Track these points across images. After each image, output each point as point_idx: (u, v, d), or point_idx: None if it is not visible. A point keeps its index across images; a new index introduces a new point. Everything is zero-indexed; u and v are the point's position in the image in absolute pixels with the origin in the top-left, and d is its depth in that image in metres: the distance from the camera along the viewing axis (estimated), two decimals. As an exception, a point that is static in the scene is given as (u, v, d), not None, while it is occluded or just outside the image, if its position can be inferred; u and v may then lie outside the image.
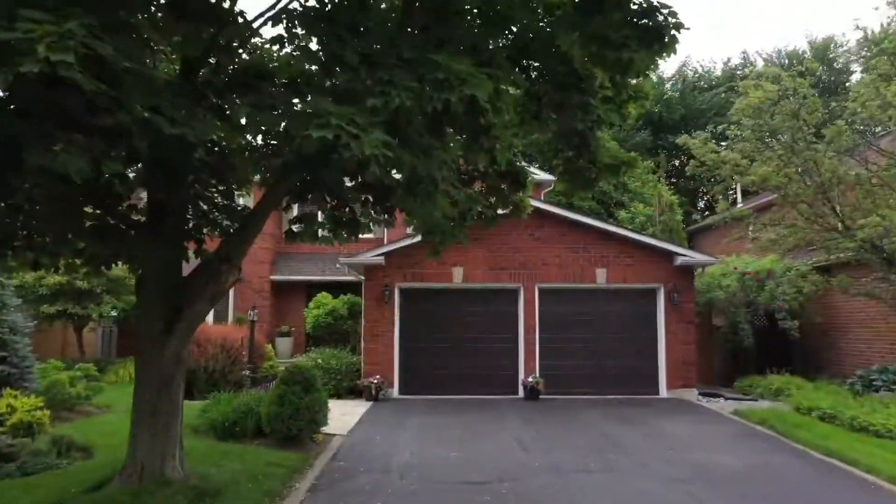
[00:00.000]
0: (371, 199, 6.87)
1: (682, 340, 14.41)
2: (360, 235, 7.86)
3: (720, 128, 22.91)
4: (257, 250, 21.13)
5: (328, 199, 6.98)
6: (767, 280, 16.08)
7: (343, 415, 12.00)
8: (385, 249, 14.36)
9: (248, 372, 12.72)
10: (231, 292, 20.77)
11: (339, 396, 14.03)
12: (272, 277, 21.50)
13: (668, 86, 49.09)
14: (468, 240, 8.21)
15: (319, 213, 7.47)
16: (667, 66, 71.97)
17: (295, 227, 7.46)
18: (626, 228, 15.75)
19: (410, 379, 14.43)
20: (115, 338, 21.30)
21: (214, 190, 7.16)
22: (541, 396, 13.86)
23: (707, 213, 45.51)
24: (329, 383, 14.01)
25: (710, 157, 12.98)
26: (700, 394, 14.40)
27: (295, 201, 7.27)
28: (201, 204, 7.17)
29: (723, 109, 45.68)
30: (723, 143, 19.54)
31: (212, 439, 9.56)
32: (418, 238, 14.45)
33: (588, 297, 14.74)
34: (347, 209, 7.18)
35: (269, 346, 18.51)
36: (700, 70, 49.32)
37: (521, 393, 14.21)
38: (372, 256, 14.23)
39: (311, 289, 20.16)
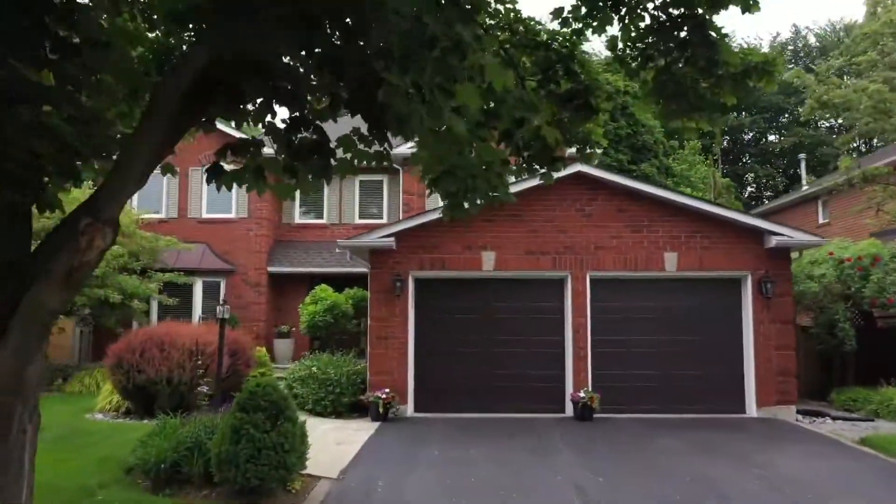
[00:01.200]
0: (347, 98, 4.02)
1: (776, 344, 11.39)
2: (357, 220, 5.00)
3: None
4: (252, 237, 18.50)
5: (273, 102, 4.12)
6: (873, 268, 12.96)
7: (339, 443, 9.23)
8: (396, 229, 11.55)
9: (205, 388, 9.98)
10: (222, 286, 18.18)
11: (338, 415, 11.29)
12: (270, 269, 18.85)
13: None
14: (509, 194, 5.35)
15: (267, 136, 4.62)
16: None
17: (227, 164, 4.65)
18: (704, 200, 12.71)
19: (428, 392, 11.62)
20: (90, 338, 18.77)
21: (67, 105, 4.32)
22: (595, 415, 10.97)
23: (755, 201, 42.14)
24: (325, 398, 11.26)
25: (835, 95, 9.93)
26: (798, 412, 11.38)
27: (221, 112, 4.45)
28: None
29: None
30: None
31: (141, 490, 6.83)
32: (438, 214, 11.67)
33: (653, 289, 11.79)
34: (312, 129, 4.33)
35: (263, 349, 15.83)
36: (746, 46, 45.76)
37: (569, 411, 11.32)
38: (378, 238, 11.43)
39: (316, 282, 17.42)
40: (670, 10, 4.96)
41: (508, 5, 5.07)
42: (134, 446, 7.58)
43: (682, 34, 5.09)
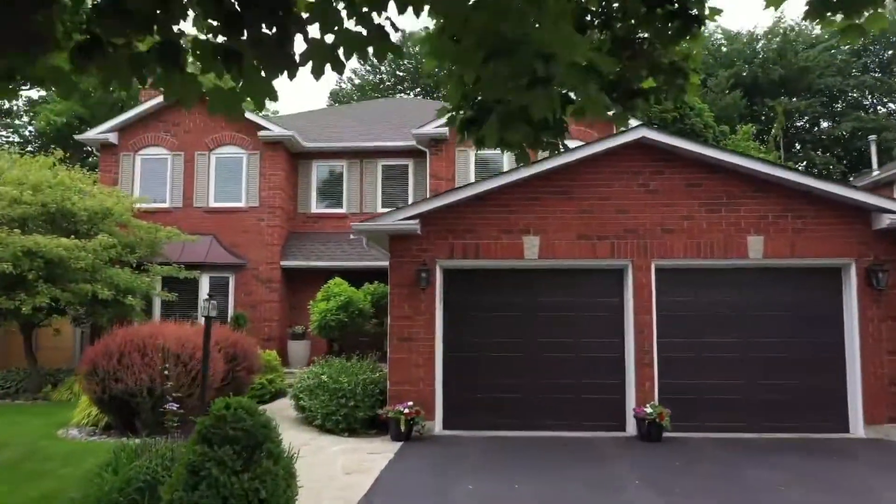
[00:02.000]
0: None
1: (889, 347, 9.33)
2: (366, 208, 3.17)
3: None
4: (264, 228, 16.87)
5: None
6: None
7: (349, 472, 7.45)
8: (420, 210, 9.73)
9: (174, 404, 8.23)
10: (231, 282, 16.58)
11: (352, 432, 9.53)
12: (284, 263, 17.21)
13: (760, 44, 43.15)
14: (623, 118, 3.53)
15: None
16: (760, 20, 65.34)
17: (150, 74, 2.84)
18: (797, 171, 10.65)
19: (459, 405, 9.79)
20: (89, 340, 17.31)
21: None
22: (664, 434, 9.03)
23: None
24: (337, 413, 9.51)
25: None
26: (917, 431, 9.29)
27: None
28: None
29: (829, 69, 39.75)
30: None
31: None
32: (470, 192, 9.86)
33: (734, 281, 9.80)
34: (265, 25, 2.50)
35: (273, 352, 14.19)
36: (797, 28, 42.98)
37: (631, 428, 9.40)
38: (400, 221, 9.63)
39: (334, 277, 15.72)
40: None
41: None
42: (93, 473, 5.90)
43: None
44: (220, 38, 2.63)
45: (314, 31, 5.38)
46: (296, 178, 18.51)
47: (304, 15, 2.63)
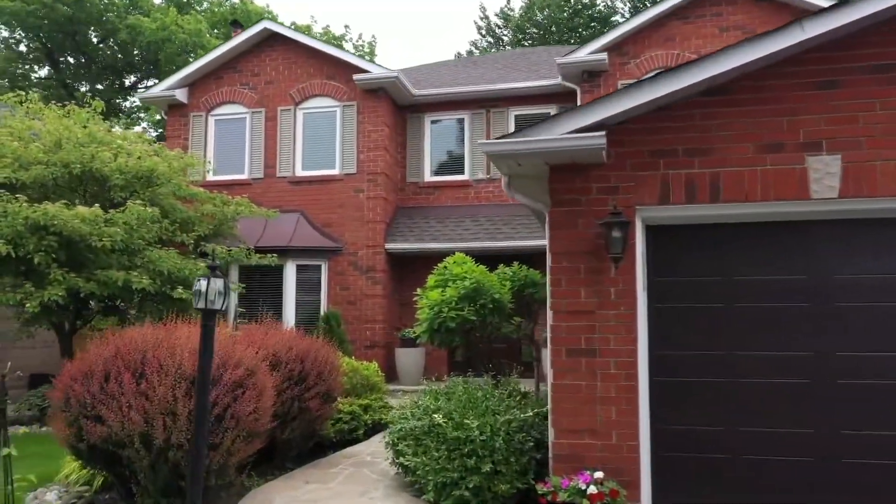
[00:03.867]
0: None
1: None
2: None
3: None
4: (363, 201, 13.26)
5: None
6: None
7: None
8: (608, 112, 5.39)
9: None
10: (323, 272, 13.09)
11: (488, 520, 5.41)
12: (389, 247, 13.52)
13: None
14: None
15: None
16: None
17: None
18: None
19: (685, 472, 5.44)
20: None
21: None
22: None
23: None
24: (462, 482, 5.48)
25: None
26: None
27: None
28: None
29: None
30: None
31: None
32: (699, 73, 5.43)
33: None
34: None
35: (371, 365, 10.50)
36: None
37: None
38: (569, 135, 5.36)
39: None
40: None
41: None
42: None
43: None
44: None
45: None
46: (403, 137, 14.76)
47: None
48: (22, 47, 31.45)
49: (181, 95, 14.47)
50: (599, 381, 5.44)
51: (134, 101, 33.15)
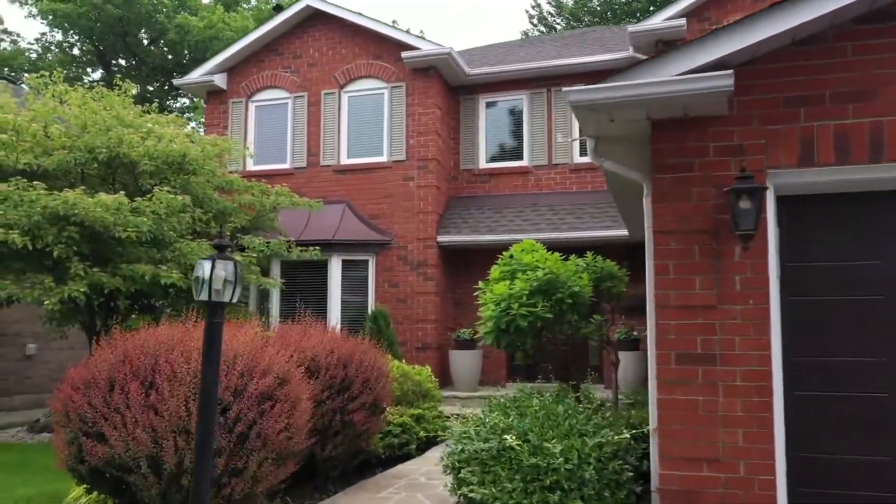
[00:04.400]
0: None
1: None
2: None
3: None
4: (414, 190, 12.28)
5: None
6: None
7: None
8: (735, 45, 4.17)
9: None
10: (370, 267, 12.14)
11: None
12: (442, 239, 12.50)
13: None
14: None
15: None
16: None
17: None
18: None
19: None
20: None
21: None
22: None
23: None
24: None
25: None
26: None
27: None
28: None
29: None
30: None
31: None
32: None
33: None
34: None
35: (423, 369, 9.51)
36: None
37: None
38: (681, 77, 4.16)
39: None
40: None
41: None
42: None
43: None
44: None
45: None
46: (456, 121, 13.68)
47: None
48: (76, 51, 31.66)
49: (220, 81, 13.70)
50: (721, 395, 4.24)
51: (184, 102, 33.00)
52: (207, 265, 3.28)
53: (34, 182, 8.19)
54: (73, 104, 9.29)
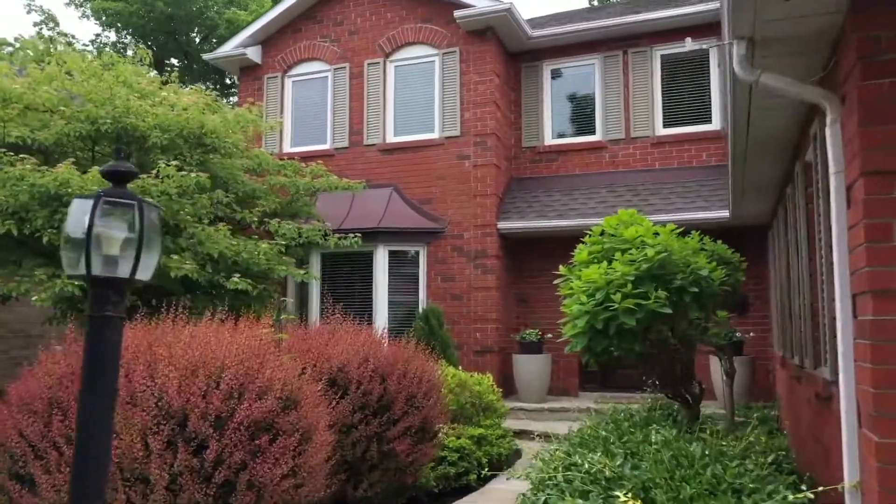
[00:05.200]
0: None
1: None
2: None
3: None
4: (470, 171, 10.84)
5: None
6: None
7: None
8: None
9: None
10: (422, 259, 10.71)
11: None
12: (503, 226, 10.98)
13: None
14: None
15: None
16: None
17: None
18: None
19: None
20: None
21: None
22: None
23: None
24: None
25: None
26: None
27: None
28: None
29: None
30: None
31: None
32: None
33: None
34: None
35: (485, 378, 8.01)
36: None
37: None
38: None
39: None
40: None
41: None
42: None
43: None
44: None
45: None
46: (517, 93, 12.08)
47: None
48: (129, 52, 31.33)
49: (253, 54, 12.44)
50: None
51: (233, 101, 32.35)
52: (83, 209, 1.81)
53: (21, 155, 6.99)
54: (75, 69, 8.07)
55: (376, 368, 4.85)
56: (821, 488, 3.12)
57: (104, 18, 28.64)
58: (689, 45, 4.17)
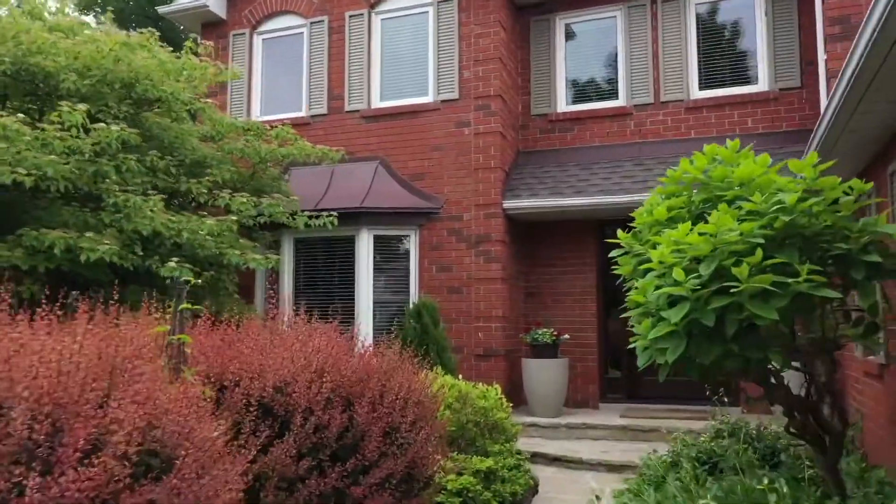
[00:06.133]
0: None
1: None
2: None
3: None
4: (470, 140, 9.15)
5: None
6: None
7: None
8: None
9: None
10: (412, 244, 9.09)
11: None
12: (510, 206, 9.36)
13: None
14: None
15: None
16: None
17: None
18: None
19: None
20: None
21: None
22: None
23: None
24: None
25: None
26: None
27: None
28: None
29: None
30: None
31: None
32: None
33: None
34: None
35: (491, 389, 6.33)
36: None
37: None
38: None
39: (610, 229, 7.68)
40: None
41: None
42: None
43: None
44: None
45: None
46: (525, 51, 10.44)
47: None
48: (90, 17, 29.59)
49: (216, 7, 10.75)
50: None
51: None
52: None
53: None
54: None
55: (337, 387, 3.20)
56: None
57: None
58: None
